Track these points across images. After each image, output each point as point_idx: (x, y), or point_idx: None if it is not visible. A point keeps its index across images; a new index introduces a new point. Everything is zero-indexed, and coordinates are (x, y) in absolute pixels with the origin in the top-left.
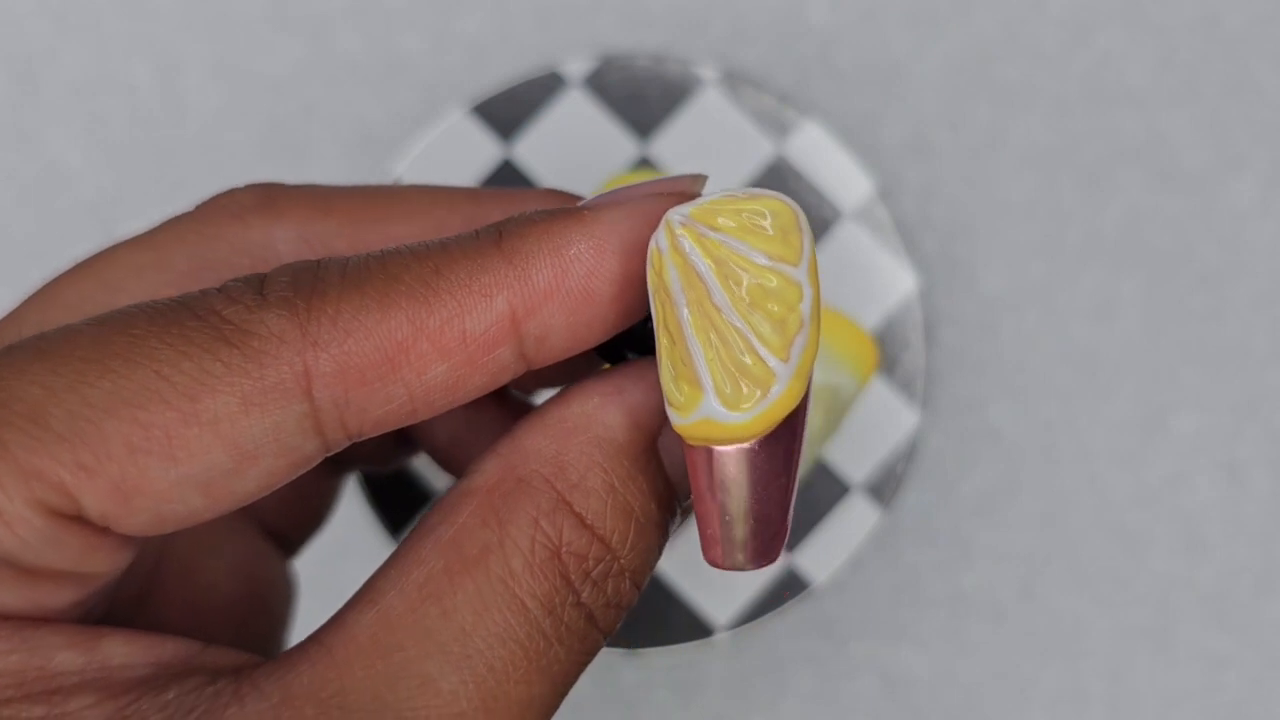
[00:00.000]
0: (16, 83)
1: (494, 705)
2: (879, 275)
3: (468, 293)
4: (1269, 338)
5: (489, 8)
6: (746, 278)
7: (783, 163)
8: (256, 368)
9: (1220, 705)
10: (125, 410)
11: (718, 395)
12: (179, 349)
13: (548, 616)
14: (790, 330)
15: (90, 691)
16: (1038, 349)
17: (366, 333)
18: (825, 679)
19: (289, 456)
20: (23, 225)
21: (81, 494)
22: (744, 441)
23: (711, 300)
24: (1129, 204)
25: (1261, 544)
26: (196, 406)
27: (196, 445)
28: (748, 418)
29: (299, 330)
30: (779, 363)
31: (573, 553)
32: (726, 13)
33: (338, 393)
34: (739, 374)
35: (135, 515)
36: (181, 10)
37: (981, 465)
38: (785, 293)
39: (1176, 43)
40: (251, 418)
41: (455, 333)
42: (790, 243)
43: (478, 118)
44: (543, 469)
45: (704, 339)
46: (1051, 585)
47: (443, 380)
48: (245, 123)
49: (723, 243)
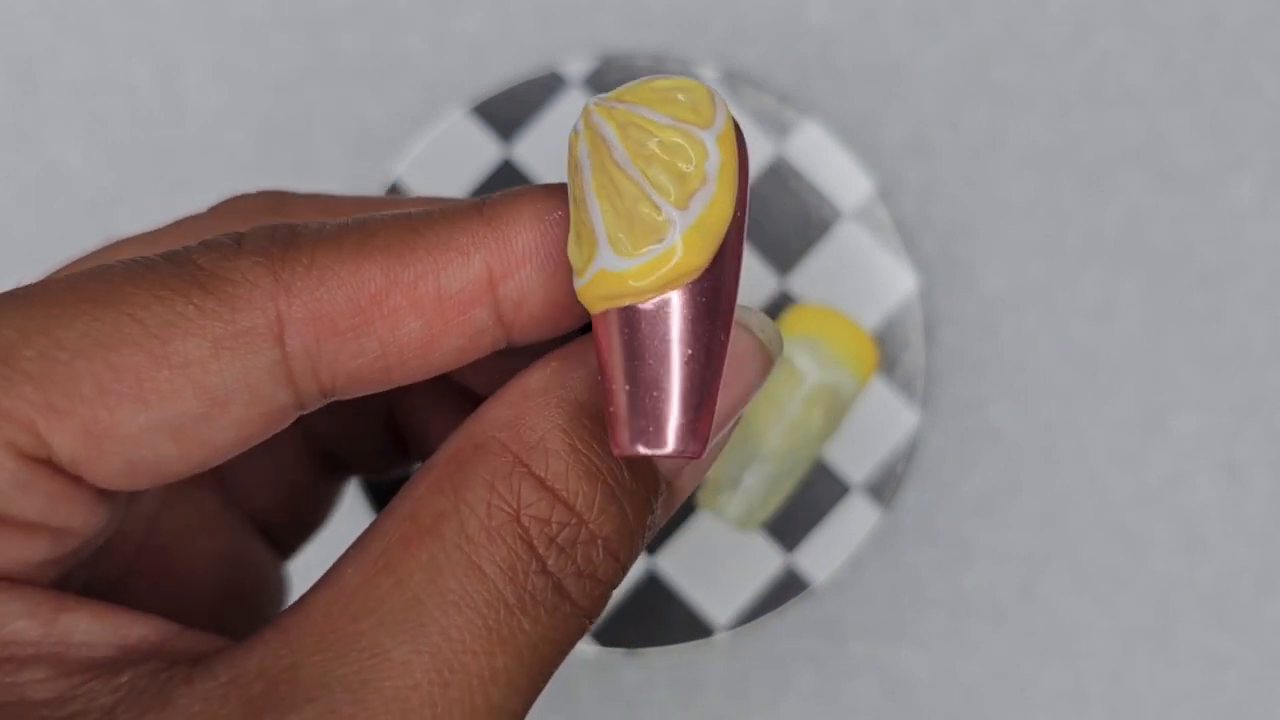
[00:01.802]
0: (17, 83)
1: (450, 677)
2: (879, 275)
3: (445, 250)
4: (1269, 338)
5: (489, 8)
6: (643, 135)
7: (783, 163)
8: (229, 311)
9: (1220, 705)
10: (97, 352)
11: (611, 244)
12: (153, 293)
13: (509, 583)
14: (691, 184)
15: (45, 665)
16: (1038, 349)
17: (339, 281)
18: (825, 679)
19: (261, 406)
20: (23, 225)
21: (52, 435)
22: (640, 297)
23: (612, 158)
24: (1129, 204)
25: (1261, 544)
26: (167, 349)
27: (167, 388)
28: (638, 263)
29: (272, 276)
30: (675, 211)
31: (533, 516)
32: (726, 13)
33: (309, 341)
34: (631, 221)
35: (106, 460)
36: (181, 10)
37: (981, 465)
38: (688, 150)
39: (1176, 43)
40: (222, 361)
41: (430, 288)
42: (700, 111)
43: (478, 118)
44: (500, 434)
45: (602, 194)
46: (1051, 585)
47: (417, 337)
48: (245, 123)
49: (629, 109)
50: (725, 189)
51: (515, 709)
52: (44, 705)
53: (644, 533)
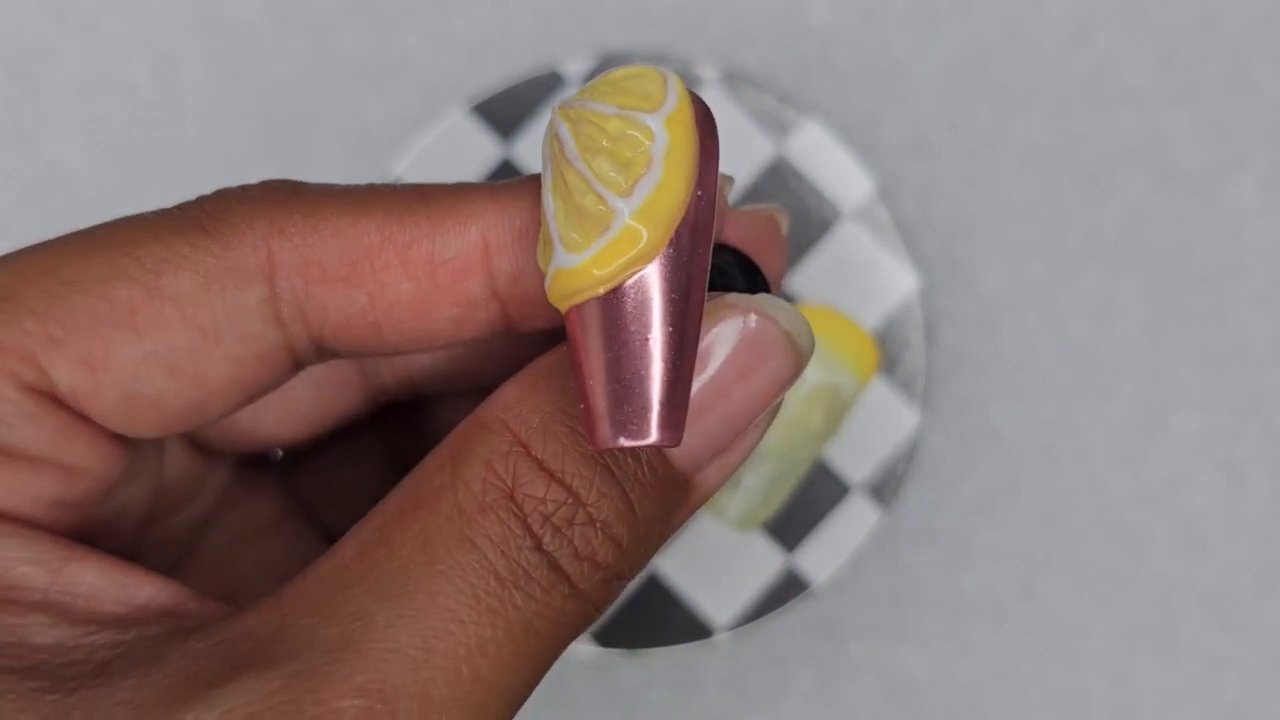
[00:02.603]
0: (17, 82)
1: (434, 643)
2: (879, 275)
3: (444, 217)
4: (1269, 338)
5: (489, 7)
6: (590, 129)
7: (783, 163)
8: (221, 249)
9: (1220, 705)
10: (93, 286)
11: (563, 242)
12: (153, 233)
13: (500, 556)
14: (636, 169)
15: (48, 612)
16: (1038, 349)
17: (333, 231)
18: (825, 679)
19: (251, 345)
20: (23, 225)
21: (51, 366)
22: (599, 287)
23: (564, 156)
24: (1129, 204)
25: (1261, 544)
26: (159, 281)
27: (158, 319)
28: (585, 257)
29: (268, 219)
30: (620, 200)
31: (528, 494)
32: (726, 13)
33: (298, 284)
34: (580, 216)
35: (103, 393)
36: (181, 10)
37: (981, 465)
38: (630, 135)
39: (1176, 43)
40: (212, 295)
41: (424, 252)
42: (649, 95)
43: (478, 117)
44: (503, 414)
45: (556, 193)
46: (1051, 585)
47: (408, 298)
48: (245, 123)
49: (581, 106)
50: (674, 169)
51: (510, 686)
52: (43, 650)
53: (658, 527)
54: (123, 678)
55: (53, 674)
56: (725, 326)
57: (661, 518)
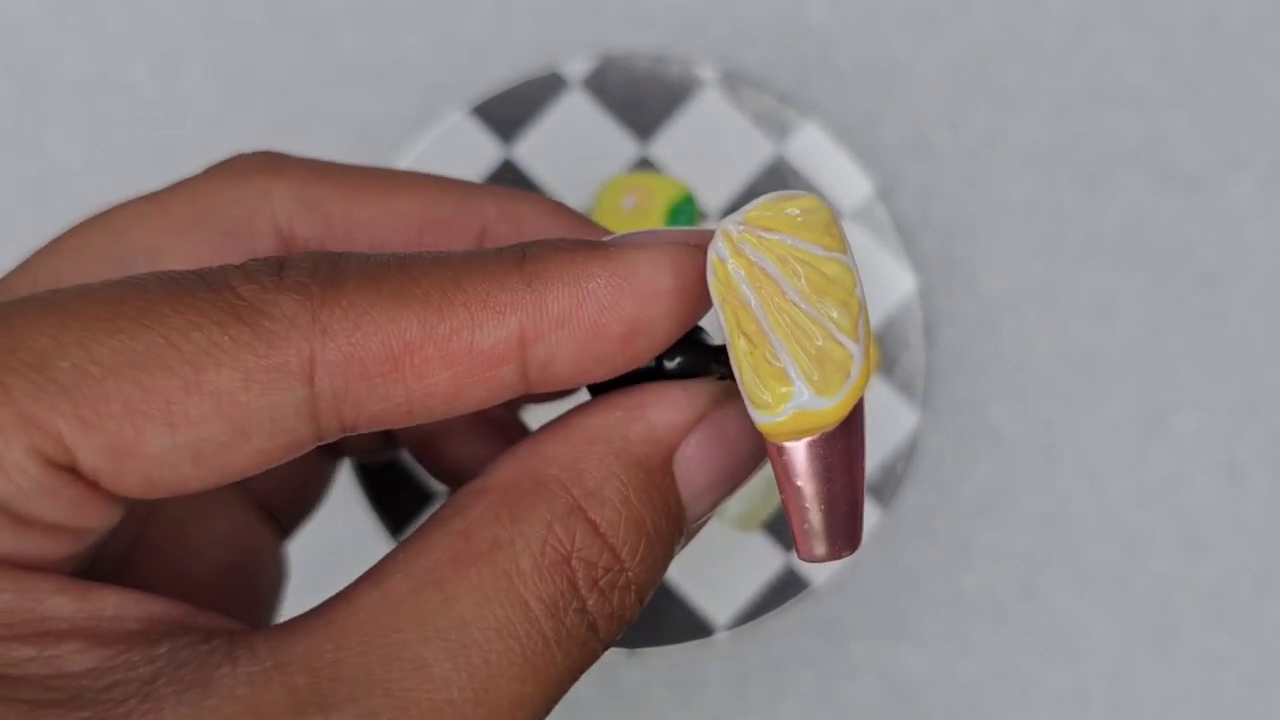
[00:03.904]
0: (18, 83)
1: (484, 698)
2: (879, 275)
3: (482, 307)
4: (1269, 338)
5: (489, 9)
6: (807, 270)
7: (783, 163)
8: (264, 347)
9: (1220, 705)
10: (129, 371)
11: (808, 384)
12: (190, 319)
13: (550, 619)
14: (854, 312)
15: (81, 639)
16: (1038, 349)
17: (376, 328)
18: (825, 679)
19: (282, 438)
20: (23, 225)
21: (78, 447)
22: (829, 428)
23: (785, 296)
24: (1129, 204)
25: (1261, 544)
26: (200, 376)
27: (195, 414)
28: (837, 400)
29: (310, 316)
30: (852, 343)
31: (583, 559)
32: (726, 13)
33: (339, 383)
34: (823, 360)
35: (126, 476)
36: (182, 11)
37: (981, 465)
38: (844, 278)
39: (1176, 43)
40: (251, 394)
41: (463, 344)
42: (834, 234)
43: (478, 118)
44: (561, 474)
45: (784, 333)
46: (1051, 585)
47: (443, 388)
48: (246, 123)
49: (780, 240)
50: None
51: None
52: (83, 676)
53: (663, 575)
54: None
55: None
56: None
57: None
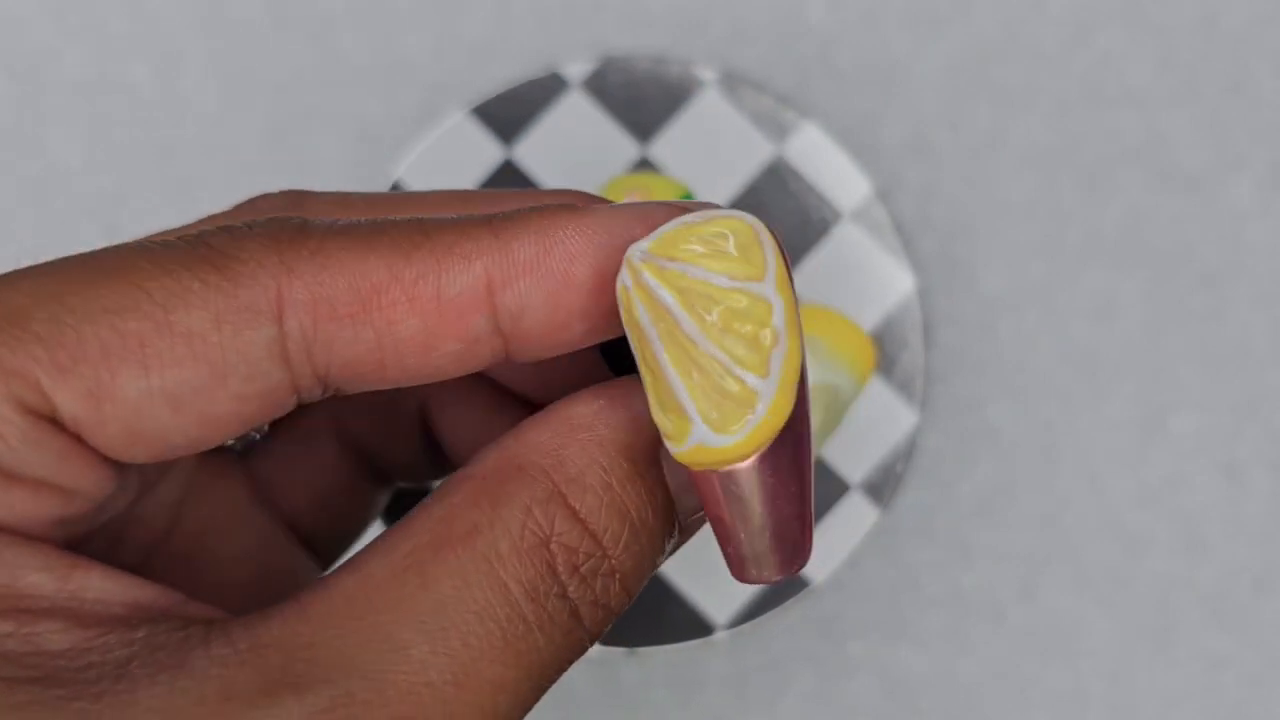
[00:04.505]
0: (18, 83)
1: (464, 680)
2: (878, 275)
3: (447, 253)
4: (1269, 338)
5: (490, 9)
6: (707, 304)
7: (782, 163)
8: (232, 287)
9: (1220, 705)
10: (103, 317)
11: (705, 422)
12: (163, 267)
13: (530, 602)
14: (766, 346)
15: (61, 618)
16: (1037, 349)
17: (342, 268)
18: (824, 678)
19: (257, 382)
20: (23, 225)
21: (56, 394)
22: (743, 460)
23: (682, 331)
24: (1129, 204)
25: (1261, 544)
26: (171, 318)
27: (168, 355)
28: (737, 439)
29: (277, 257)
30: (759, 380)
31: (563, 544)
32: (726, 13)
33: (306, 322)
34: (721, 399)
35: (107, 424)
36: (182, 10)
37: (981, 465)
38: (755, 311)
39: (1176, 43)
40: (223, 334)
41: (429, 288)
42: (753, 259)
43: (478, 119)
44: (542, 460)
45: (682, 370)
46: (1051, 585)
47: (414, 335)
48: (246, 123)
49: (683, 272)
50: (793, 334)
51: (519, 716)
52: (60, 655)
53: (654, 569)
54: (149, 682)
55: (72, 680)
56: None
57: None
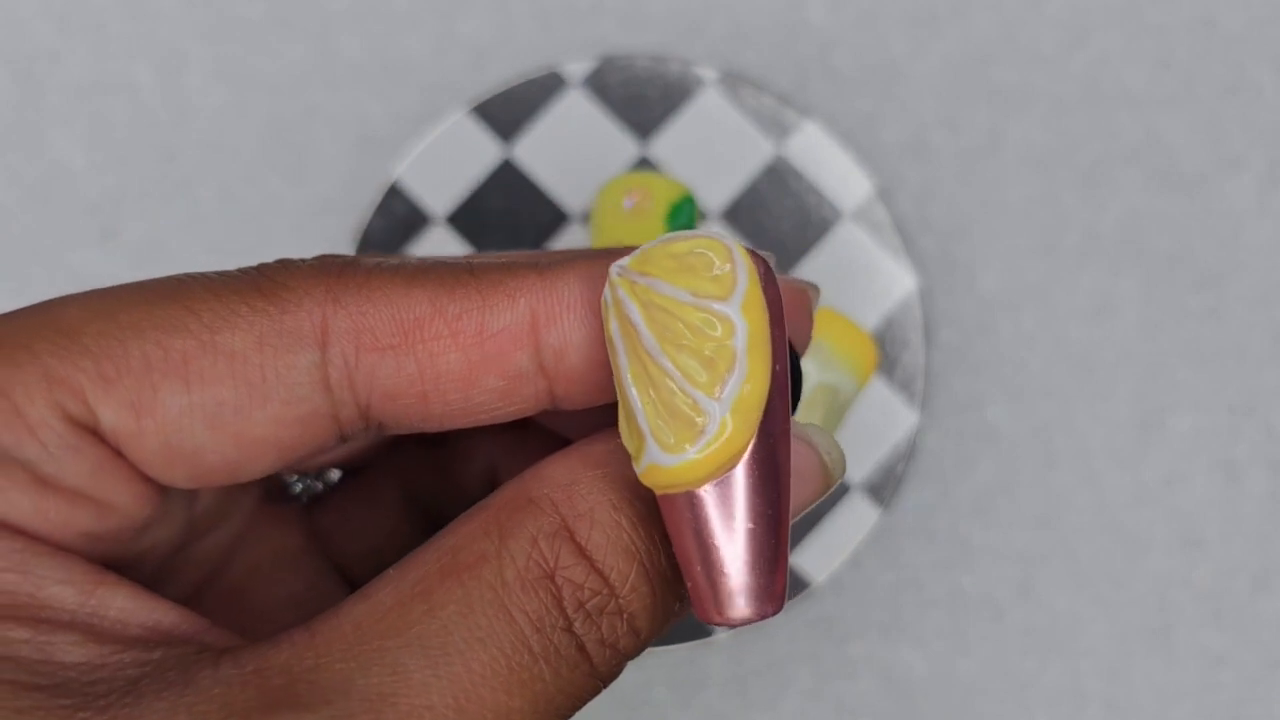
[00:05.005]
0: (19, 83)
1: (466, 705)
2: (878, 275)
3: (493, 290)
4: (1267, 338)
5: (490, 9)
6: (668, 319)
7: (782, 163)
8: (278, 312)
9: (1218, 703)
10: (151, 334)
11: (655, 440)
12: (215, 293)
13: (536, 633)
14: (720, 367)
15: (79, 632)
16: (1036, 349)
17: (386, 300)
18: (824, 678)
19: (296, 407)
20: (24, 225)
21: (99, 404)
22: (696, 485)
23: (642, 345)
24: (1127, 204)
25: (1258, 543)
26: (215, 338)
27: (209, 373)
28: (683, 460)
29: (324, 288)
30: (709, 401)
31: (567, 579)
32: (726, 13)
33: (349, 351)
34: (671, 417)
35: (146, 438)
36: (183, 11)
37: (980, 465)
38: (712, 329)
39: (1174, 44)
40: (264, 356)
41: (473, 323)
42: (720, 280)
43: (478, 118)
44: (553, 494)
45: (640, 386)
46: (1050, 584)
47: (456, 369)
48: (247, 124)
49: (650, 286)
50: (757, 359)
51: None
52: (72, 667)
53: (670, 618)
54: (154, 698)
55: (81, 691)
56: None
57: (675, 612)
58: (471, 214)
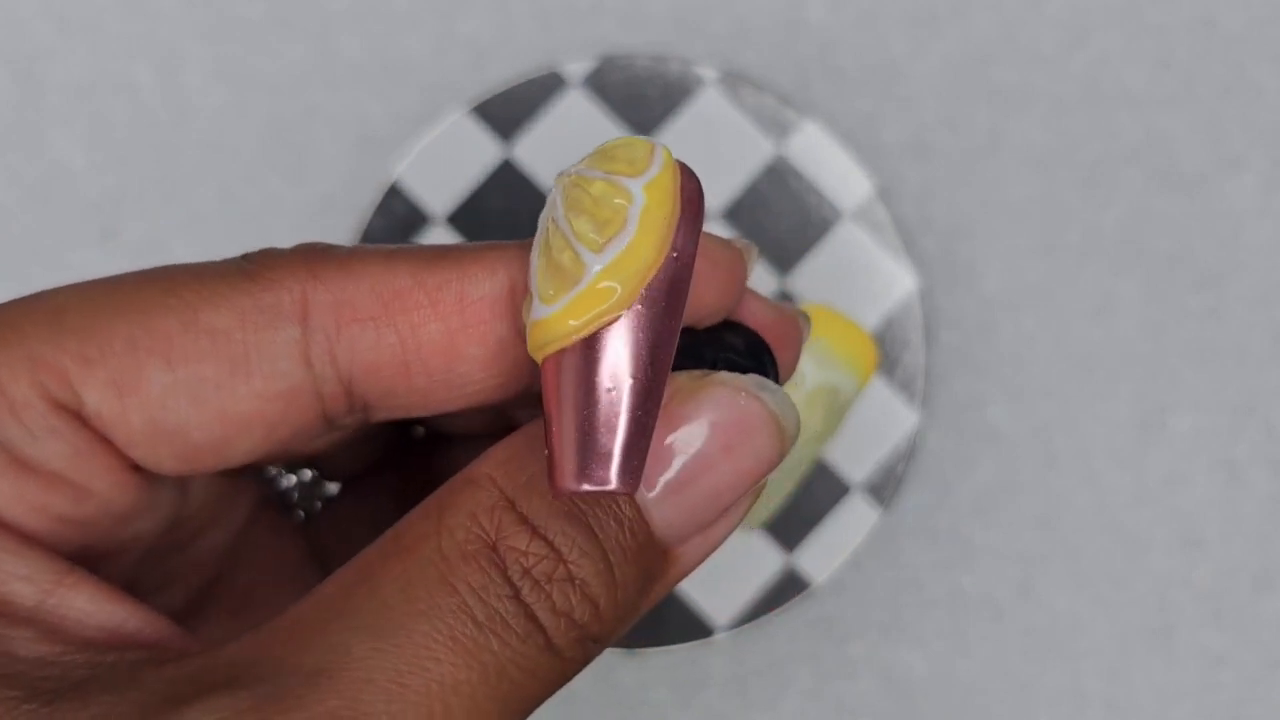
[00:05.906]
0: (19, 83)
1: (408, 678)
2: (879, 275)
3: (472, 262)
4: (1267, 337)
5: (490, 9)
6: (576, 192)
7: (783, 163)
8: (259, 290)
9: (1218, 703)
10: (135, 315)
11: (539, 295)
12: (196, 275)
13: (479, 603)
14: (610, 229)
15: (37, 629)
16: (1037, 349)
17: (365, 274)
18: (824, 678)
19: (278, 382)
20: (24, 225)
21: (82, 385)
22: (567, 339)
23: (551, 216)
24: (1128, 204)
25: (1258, 543)
26: (197, 316)
27: (192, 351)
28: (557, 309)
29: (305, 266)
30: (592, 255)
31: (510, 546)
32: (726, 13)
33: (329, 323)
34: (556, 271)
35: (130, 416)
36: (183, 11)
37: (981, 465)
38: (611, 195)
39: (1174, 44)
40: (246, 332)
41: (453, 293)
42: (634, 161)
43: (478, 118)
44: (493, 471)
45: (542, 251)
46: (1050, 584)
47: (437, 339)
48: (247, 123)
49: (575, 171)
50: (648, 230)
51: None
52: (24, 662)
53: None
54: (99, 694)
55: (30, 685)
56: (712, 402)
57: (640, 587)
58: (471, 214)
